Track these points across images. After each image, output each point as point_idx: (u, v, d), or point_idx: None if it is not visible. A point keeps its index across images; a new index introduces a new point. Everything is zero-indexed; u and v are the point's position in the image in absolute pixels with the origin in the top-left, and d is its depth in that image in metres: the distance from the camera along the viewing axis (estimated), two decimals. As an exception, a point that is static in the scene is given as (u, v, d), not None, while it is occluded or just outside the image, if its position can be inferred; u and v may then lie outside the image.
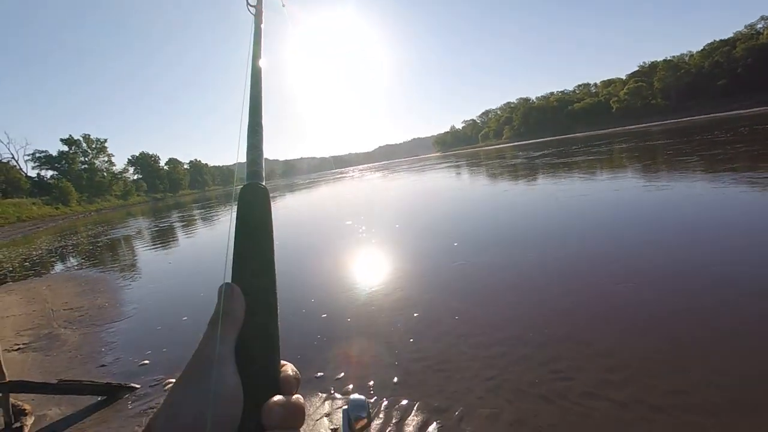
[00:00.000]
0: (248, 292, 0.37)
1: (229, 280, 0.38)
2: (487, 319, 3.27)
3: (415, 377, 2.57)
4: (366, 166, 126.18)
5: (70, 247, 14.78)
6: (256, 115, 0.44)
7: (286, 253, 6.80)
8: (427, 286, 4.28)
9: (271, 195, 0.40)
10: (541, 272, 4.21)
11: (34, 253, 14.65)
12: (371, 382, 2.59)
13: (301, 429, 0.35)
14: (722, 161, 10.34)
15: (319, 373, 2.77)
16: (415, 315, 3.55)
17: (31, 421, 2.66)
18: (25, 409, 2.73)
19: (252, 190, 0.41)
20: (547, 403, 2.11)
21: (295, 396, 0.36)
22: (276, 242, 0.39)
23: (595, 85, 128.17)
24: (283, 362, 0.38)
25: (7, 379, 2.77)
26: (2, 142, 76.01)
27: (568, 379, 2.29)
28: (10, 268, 11.29)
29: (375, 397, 2.40)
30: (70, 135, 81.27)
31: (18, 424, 2.57)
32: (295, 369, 0.38)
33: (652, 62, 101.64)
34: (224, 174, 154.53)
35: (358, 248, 6.60)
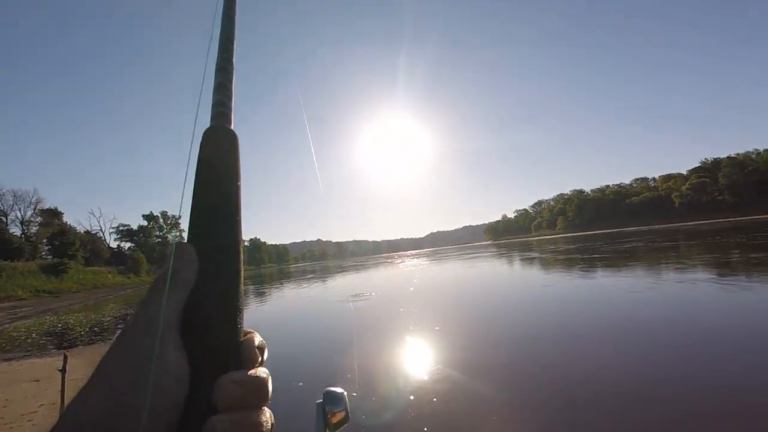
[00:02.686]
0: (207, 253, 0.31)
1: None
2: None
3: None
4: (413, 252, 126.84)
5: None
6: (226, 51, 0.38)
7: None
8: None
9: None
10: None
11: (102, 319, 15.61)
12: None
13: (267, 408, 0.29)
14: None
15: None
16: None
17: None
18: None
19: (217, 134, 0.35)
20: None
21: (258, 369, 0.30)
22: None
23: (654, 179, 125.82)
24: (247, 330, 0.32)
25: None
26: (94, 216, 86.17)
27: None
28: (81, 333, 12.02)
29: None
30: (151, 211, 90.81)
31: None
32: (261, 338, 0.32)
33: (715, 159, 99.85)
34: (280, 252, 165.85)
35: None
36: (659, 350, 4.35)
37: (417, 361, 4.99)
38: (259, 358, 0.31)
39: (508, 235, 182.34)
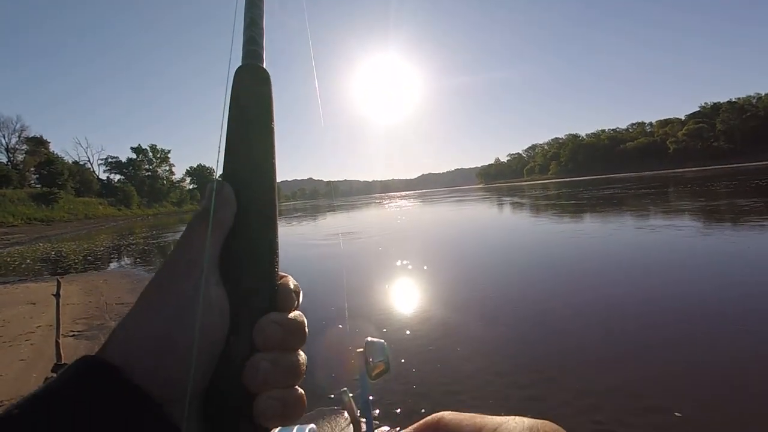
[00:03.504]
0: (242, 193, 0.31)
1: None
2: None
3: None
4: (404, 193, 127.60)
5: (127, 247, 15.87)
6: None
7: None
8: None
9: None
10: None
11: (95, 249, 15.87)
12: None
13: (302, 349, 0.30)
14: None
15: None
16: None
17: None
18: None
19: (250, 73, 0.34)
20: None
21: (296, 312, 0.31)
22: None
23: (651, 124, 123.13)
24: (281, 274, 0.33)
25: (63, 362, 3.00)
26: (81, 147, 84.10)
27: None
28: (75, 261, 12.28)
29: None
30: (139, 144, 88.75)
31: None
32: (295, 282, 0.33)
33: (715, 103, 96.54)
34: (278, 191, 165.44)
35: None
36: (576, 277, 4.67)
37: (399, 294, 5.27)
38: (296, 302, 0.32)
39: (501, 179, 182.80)
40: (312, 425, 0.24)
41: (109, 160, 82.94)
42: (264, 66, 0.34)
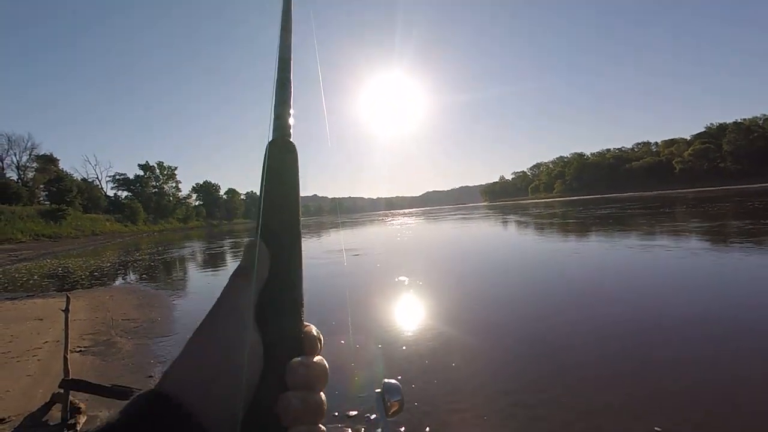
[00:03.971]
0: (274, 249, 0.36)
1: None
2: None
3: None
4: (408, 210, 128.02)
5: (134, 263, 15.96)
6: (284, 70, 0.42)
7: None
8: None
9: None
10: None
11: (102, 265, 15.98)
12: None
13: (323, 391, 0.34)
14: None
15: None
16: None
17: (84, 420, 2.86)
18: (79, 408, 2.94)
19: (279, 146, 0.39)
20: None
21: (318, 357, 0.35)
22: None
23: (656, 144, 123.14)
24: (305, 323, 0.37)
25: (71, 376, 3.03)
26: (90, 164, 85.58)
27: None
28: (82, 277, 12.37)
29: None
30: (147, 161, 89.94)
31: (72, 421, 2.77)
32: (318, 330, 0.37)
33: (720, 124, 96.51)
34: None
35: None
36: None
37: (398, 310, 5.28)
38: (319, 348, 0.36)
39: (505, 197, 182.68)
40: None
41: (117, 177, 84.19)
42: (291, 140, 0.40)
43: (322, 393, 0.33)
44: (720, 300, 4.81)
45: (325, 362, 0.34)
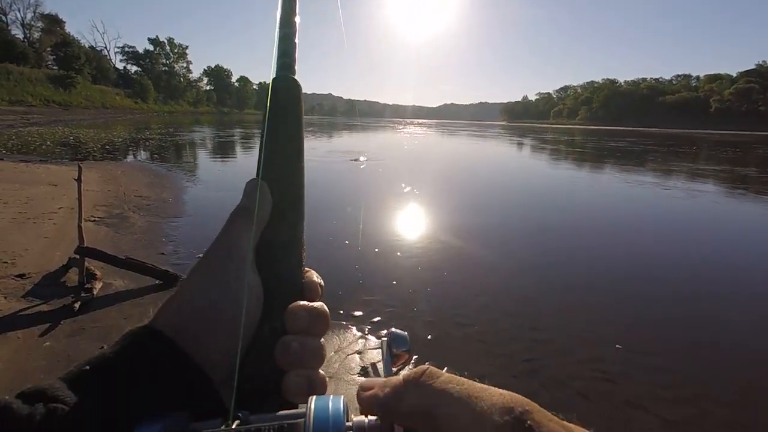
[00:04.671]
0: (276, 190, 0.35)
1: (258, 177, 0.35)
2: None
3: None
4: (424, 121, 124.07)
5: (145, 141, 15.88)
6: (289, 5, 0.40)
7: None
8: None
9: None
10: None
11: (113, 139, 15.92)
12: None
13: (323, 337, 0.33)
14: None
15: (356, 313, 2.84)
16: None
17: (99, 286, 2.96)
18: (95, 274, 3.04)
19: (282, 83, 0.37)
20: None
21: (319, 302, 0.34)
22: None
23: (698, 78, 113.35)
24: (306, 269, 0.36)
25: (86, 245, 3.07)
26: (98, 31, 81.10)
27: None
28: (94, 149, 12.38)
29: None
30: (157, 36, 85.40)
31: (88, 286, 2.87)
32: (319, 276, 0.36)
33: None
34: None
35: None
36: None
37: (403, 220, 5.28)
38: (320, 293, 0.35)
39: (525, 119, 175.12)
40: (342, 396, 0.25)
41: (126, 49, 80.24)
42: (296, 77, 0.38)
43: (322, 339, 0.33)
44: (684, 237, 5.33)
45: (326, 308, 0.33)
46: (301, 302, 0.33)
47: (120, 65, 78.96)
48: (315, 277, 0.36)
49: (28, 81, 45.16)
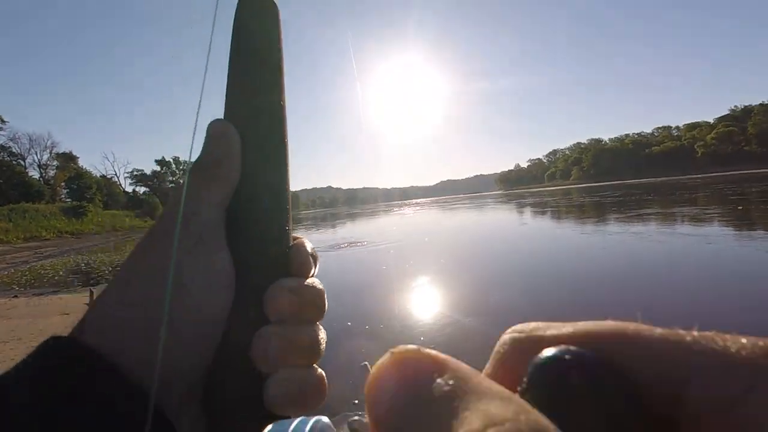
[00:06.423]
0: (248, 137, 0.26)
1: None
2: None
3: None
4: (422, 200, 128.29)
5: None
6: None
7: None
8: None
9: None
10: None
11: (123, 259, 16.15)
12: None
13: (320, 323, 0.26)
14: None
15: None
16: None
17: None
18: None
19: (252, 2, 0.28)
20: None
21: (312, 279, 0.26)
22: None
23: (678, 128, 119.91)
24: (295, 236, 0.28)
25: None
26: (108, 160, 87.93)
27: None
28: (105, 272, 12.50)
29: None
30: (163, 156, 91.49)
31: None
32: (311, 245, 0.28)
33: (746, 106, 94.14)
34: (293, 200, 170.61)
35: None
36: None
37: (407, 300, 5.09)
38: (312, 268, 0.27)
39: (521, 185, 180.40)
40: (325, 418, 0.19)
41: (135, 173, 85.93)
42: None
43: (319, 326, 0.26)
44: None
45: (321, 284, 0.26)
46: (285, 280, 0.25)
47: (129, 188, 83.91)
48: (306, 246, 0.27)
49: (42, 217, 47.54)
